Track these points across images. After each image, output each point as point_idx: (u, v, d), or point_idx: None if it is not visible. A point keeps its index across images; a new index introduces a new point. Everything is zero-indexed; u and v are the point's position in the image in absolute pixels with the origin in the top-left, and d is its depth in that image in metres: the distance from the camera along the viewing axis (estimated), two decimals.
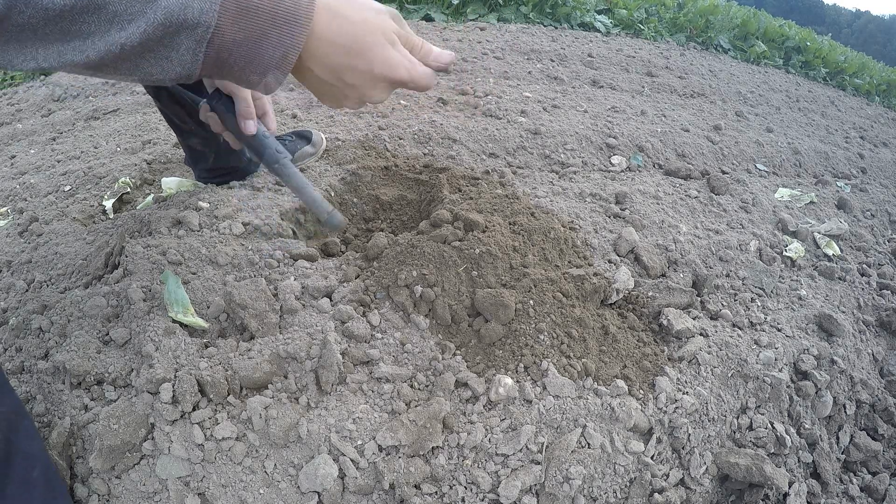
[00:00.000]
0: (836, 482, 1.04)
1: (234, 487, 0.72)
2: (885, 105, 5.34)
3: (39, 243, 1.16)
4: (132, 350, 0.82)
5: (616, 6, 4.88)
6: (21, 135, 2.05)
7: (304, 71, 0.58)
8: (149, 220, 1.10)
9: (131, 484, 0.72)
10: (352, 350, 0.85)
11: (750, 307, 1.24)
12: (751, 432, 0.99)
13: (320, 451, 0.74)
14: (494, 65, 2.86)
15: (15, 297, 1.00)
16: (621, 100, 2.64)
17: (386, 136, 1.67)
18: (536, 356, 0.89)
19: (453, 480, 0.77)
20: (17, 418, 0.64)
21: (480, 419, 0.81)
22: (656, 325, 1.10)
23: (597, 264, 1.19)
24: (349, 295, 0.93)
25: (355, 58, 0.57)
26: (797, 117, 3.33)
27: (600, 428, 0.84)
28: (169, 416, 0.74)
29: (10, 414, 0.63)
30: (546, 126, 1.95)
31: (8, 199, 1.47)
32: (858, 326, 1.32)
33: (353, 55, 0.57)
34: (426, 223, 1.09)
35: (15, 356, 0.86)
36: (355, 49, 0.57)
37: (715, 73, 3.94)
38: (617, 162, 1.87)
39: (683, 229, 1.43)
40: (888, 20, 56.76)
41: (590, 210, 1.41)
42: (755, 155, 2.28)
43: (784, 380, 1.04)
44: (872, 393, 1.18)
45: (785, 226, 1.62)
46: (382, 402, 0.81)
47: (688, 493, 0.89)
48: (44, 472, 0.64)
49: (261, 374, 0.78)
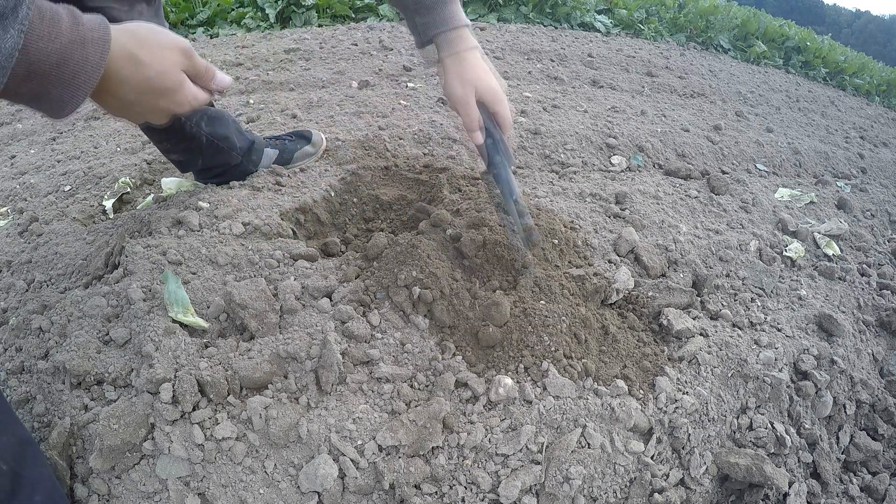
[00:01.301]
0: (836, 482, 1.04)
1: (235, 487, 0.72)
2: (885, 105, 5.34)
3: (39, 243, 1.16)
4: (132, 350, 0.82)
5: (616, 6, 4.88)
6: (21, 135, 2.05)
7: (98, 98, 0.65)
8: (149, 220, 1.10)
9: (131, 484, 0.72)
10: (352, 350, 0.85)
11: (750, 307, 1.24)
12: (751, 432, 0.99)
13: (320, 451, 0.74)
14: (494, 65, 2.86)
15: (15, 297, 1.00)
16: (621, 100, 2.64)
17: (386, 136, 1.67)
18: (536, 356, 0.89)
19: (453, 480, 0.77)
20: (24, 448, 0.64)
21: (480, 419, 0.81)
22: (656, 325, 1.10)
23: (597, 264, 1.19)
24: (349, 295, 0.93)
25: (146, 95, 0.66)
26: (797, 117, 3.33)
27: (600, 428, 0.84)
28: (169, 416, 0.74)
29: (16, 446, 0.63)
30: (546, 126, 1.95)
31: (8, 199, 1.47)
32: (858, 326, 1.32)
33: (145, 93, 0.65)
34: (426, 223, 1.09)
35: (15, 356, 0.86)
36: (147, 89, 0.65)
37: (715, 73, 3.94)
38: (617, 162, 1.87)
39: (683, 229, 1.43)
40: (888, 20, 56.75)
41: (590, 210, 1.41)
42: (755, 155, 2.28)
43: (784, 380, 1.04)
44: (872, 393, 1.18)
45: (785, 226, 1.62)
46: (382, 402, 0.81)
47: (688, 493, 0.89)
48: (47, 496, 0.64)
49: (261, 374, 0.78)
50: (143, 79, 0.63)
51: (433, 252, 0.97)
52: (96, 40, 0.56)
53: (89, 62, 0.56)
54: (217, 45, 3.08)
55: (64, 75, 0.55)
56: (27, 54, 0.51)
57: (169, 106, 0.69)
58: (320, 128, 1.70)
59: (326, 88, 2.26)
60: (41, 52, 0.52)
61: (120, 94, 0.63)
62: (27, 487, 0.62)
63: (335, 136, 1.59)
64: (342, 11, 3.93)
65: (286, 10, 3.78)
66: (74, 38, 0.54)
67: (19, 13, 0.49)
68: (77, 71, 0.55)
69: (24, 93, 0.55)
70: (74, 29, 0.54)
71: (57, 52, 0.53)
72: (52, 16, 0.53)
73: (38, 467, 0.65)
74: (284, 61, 2.69)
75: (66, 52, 0.54)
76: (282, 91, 2.23)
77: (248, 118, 1.84)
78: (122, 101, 0.65)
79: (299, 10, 3.80)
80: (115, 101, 0.65)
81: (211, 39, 3.34)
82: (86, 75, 0.56)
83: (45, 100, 0.57)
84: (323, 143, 1.50)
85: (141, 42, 0.63)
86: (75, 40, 0.54)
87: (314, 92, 2.18)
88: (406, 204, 1.33)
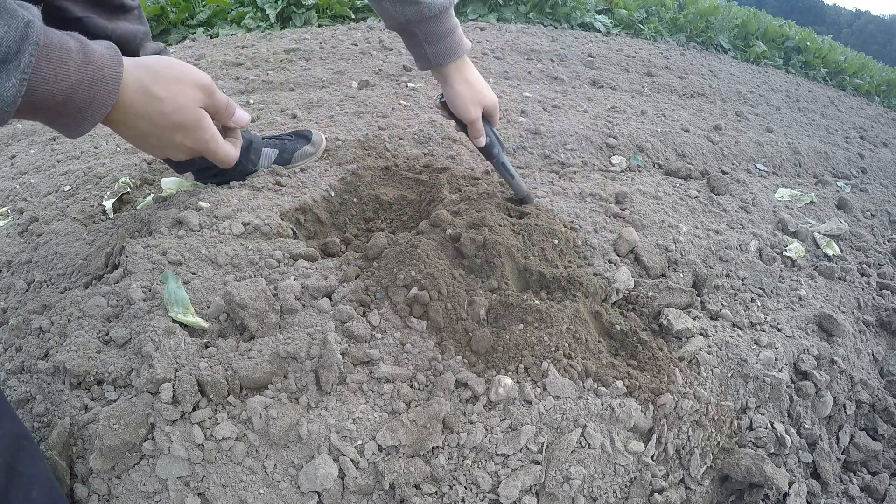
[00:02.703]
0: (836, 482, 1.04)
1: (235, 487, 0.72)
2: (885, 105, 5.34)
3: (39, 243, 1.16)
4: (132, 350, 0.82)
5: (616, 6, 4.88)
6: (21, 135, 2.05)
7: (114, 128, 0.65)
8: (149, 220, 1.10)
9: (131, 484, 0.72)
10: (352, 350, 0.85)
11: (750, 307, 1.24)
12: (751, 432, 0.99)
13: (320, 451, 0.74)
14: (494, 65, 2.86)
15: (15, 297, 1.00)
16: (621, 100, 2.64)
17: (386, 136, 1.67)
18: (536, 356, 0.89)
19: (453, 480, 0.77)
20: (19, 442, 0.64)
21: (480, 419, 0.81)
22: (656, 325, 1.10)
23: (597, 264, 1.19)
24: (349, 295, 0.93)
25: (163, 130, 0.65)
26: (797, 117, 3.33)
27: (600, 428, 0.84)
28: (169, 416, 0.74)
29: (11, 440, 0.63)
30: (546, 126, 1.95)
31: (8, 199, 1.47)
32: (858, 326, 1.32)
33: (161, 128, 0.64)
34: (426, 223, 1.09)
35: (15, 356, 0.86)
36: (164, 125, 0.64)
37: (715, 73, 3.94)
38: (617, 162, 1.87)
39: (683, 229, 1.43)
40: (888, 20, 56.74)
41: (590, 210, 1.41)
42: (755, 155, 2.28)
43: (784, 380, 1.04)
44: (872, 393, 1.18)
45: (785, 226, 1.62)
46: (382, 402, 0.81)
47: (688, 493, 0.89)
48: (44, 492, 0.64)
49: (261, 374, 0.78)
50: (158, 113, 0.63)
51: (433, 252, 0.97)
52: (106, 78, 0.56)
53: (97, 100, 0.56)
54: (217, 45, 3.08)
55: (69, 111, 0.55)
56: (31, 96, 0.52)
57: (186, 142, 0.68)
58: (320, 128, 1.70)
59: (326, 88, 2.26)
60: (46, 93, 0.53)
61: (136, 127, 0.63)
62: (23, 483, 0.62)
63: (335, 136, 1.59)
64: (342, 11, 3.93)
65: (286, 10, 3.78)
66: (82, 79, 0.54)
67: (21, 60, 0.49)
68: (83, 108, 0.56)
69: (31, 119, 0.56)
70: (83, 68, 0.54)
71: (62, 92, 0.53)
72: (60, 55, 0.52)
73: (34, 464, 0.64)
74: (284, 61, 2.69)
75: (72, 91, 0.54)
76: (282, 91, 2.23)
77: None
78: (138, 133, 0.65)
79: (299, 10, 3.80)
80: (131, 132, 0.65)
81: (211, 39, 3.34)
82: (92, 111, 0.57)
83: (55, 125, 0.58)
84: (323, 142, 1.50)
85: (157, 77, 0.62)
86: (83, 80, 0.54)
87: (314, 92, 2.18)
88: (406, 204, 1.33)
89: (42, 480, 0.64)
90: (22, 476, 0.62)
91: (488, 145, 1.16)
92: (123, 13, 1.01)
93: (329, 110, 1.91)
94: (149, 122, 0.63)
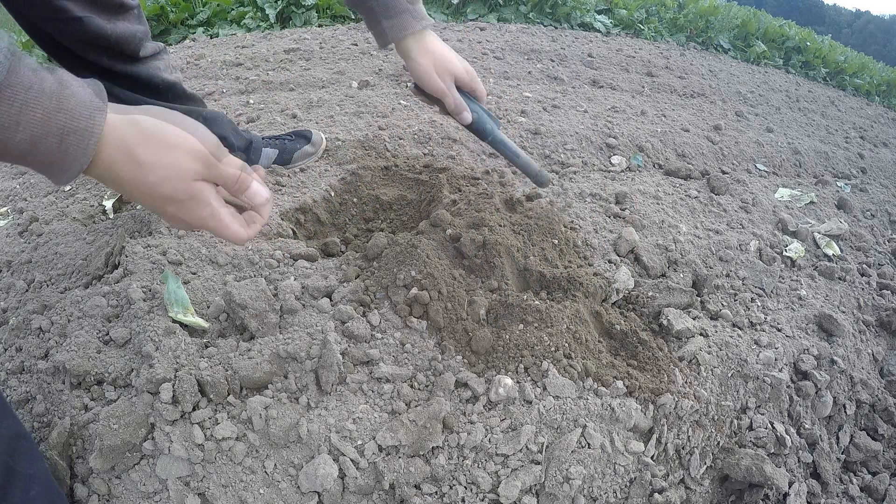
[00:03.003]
0: (836, 482, 1.04)
1: (235, 487, 0.72)
2: (885, 105, 5.34)
3: (39, 243, 1.16)
4: (132, 350, 0.82)
5: (616, 6, 4.88)
6: None
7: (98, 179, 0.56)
8: (149, 220, 1.10)
9: (131, 484, 0.72)
10: (352, 350, 0.85)
11: (750, 307, 1.24)
12: (751, 432, 0.99)
13: (320, 451, 0.74)
14: (494, 65, 2.86)
15: (15, 297, 1.00)
16: (621, 100, 2.64)
17: (386, 136, 1.67)
18: (536, 356, 0.89)
19: (453, 480, 0.77)
20: (18, 442, 0.63)
21: (480, 419, 0.81)
22: (656, 325, 1.10)
23: (597, 264, 1.19)
24: (349, 295, 0.93)
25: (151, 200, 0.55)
26: (797, 117, 3.33)
27: (600, 428, 0.84)
28: (169, 416, 0.74)
29: (10, 439, 0.62)
30: (546, 126, 1.95)
31: (8, 199, 1.47)
32: (858, 326, 1.32)
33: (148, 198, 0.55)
34: (426, 223, 1.09)
35: (15, 356, 0.86)
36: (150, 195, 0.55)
37: (715, 73, 3.94)
38: (617, 162, 1.87)
39: (683, 229, 1.43)
40: (888, 20, 56.75)
41: (590, 210, 1.41)
42: (755, 155, 2.28)
43: (784, 380, 1.04)
44: (872, 393, 1.18)
45: (785, 226, 1.62)
46: (382, 402, 0.81)
47: (688, 493, 0.89)
48: (43, 491, 0.64)
49: (261, 374, 0.78)
50: (142, 182, 0.53)
51: (433, 252, 0.97)
52: (79, 131, 0.48)
53: (69, 154, 0.49)
54: (217, 45, 3.08)
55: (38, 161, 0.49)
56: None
57: (181, 216, 0.57)
58: (320, 128, 1.70)
59: (326, 88, 2.26)
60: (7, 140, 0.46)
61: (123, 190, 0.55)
62: (22, 482, 0.62)
63: (335, 136, 1.59)
64: (342, 11, 3.93)
65: (286, 10, 3.78)
66: (50, 129, 0.47)
67: None
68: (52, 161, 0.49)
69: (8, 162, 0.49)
70: (52, 116, 0.47)
71: (25, 141, 0.47)
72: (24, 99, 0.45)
73: (33, 463, 0.64)
74: (284, 61, 2.69)
75: (37, 141, 0.47)
76: (282, 91, 2.22)
77: (248, 118, 1.83)
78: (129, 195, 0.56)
79: (299, 10, 3.79)
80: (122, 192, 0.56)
81: (211, 39, 3.34)
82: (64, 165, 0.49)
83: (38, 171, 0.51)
84: (323, 142, 1.50)
85: (146, 138, 0.53)
86: (51, 131, 0.47)
87: (314, 92, 2.18)
88: (406, 204, 1.33)
89: (41, 479, 0.64)
90: (21, 476, 0.62)
91: (477, 122, 1.04)
92: (123, 13, 1.01)
93: (329, 110, 1.91)
94: (134, 190, 0.54)
